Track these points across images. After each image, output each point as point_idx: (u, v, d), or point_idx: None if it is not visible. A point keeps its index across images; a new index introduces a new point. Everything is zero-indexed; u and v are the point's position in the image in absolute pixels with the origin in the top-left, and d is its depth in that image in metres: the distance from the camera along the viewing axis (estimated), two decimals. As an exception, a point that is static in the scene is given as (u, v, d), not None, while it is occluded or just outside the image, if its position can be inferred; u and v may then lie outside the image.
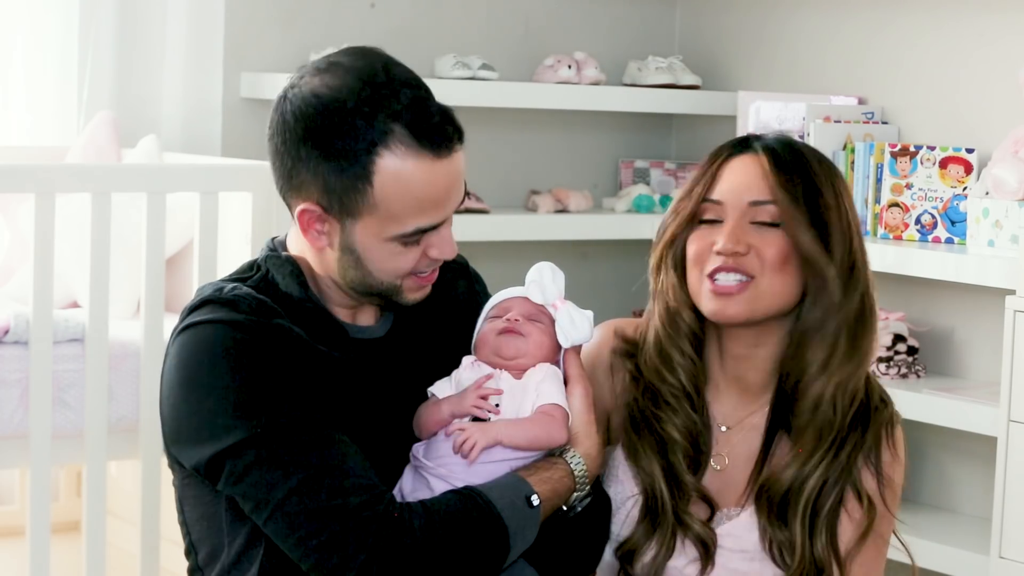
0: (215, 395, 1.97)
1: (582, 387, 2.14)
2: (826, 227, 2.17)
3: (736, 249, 2.14)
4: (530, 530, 2.01)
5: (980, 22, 4.05)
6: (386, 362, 2.12)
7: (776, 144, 2.20)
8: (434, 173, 2.00)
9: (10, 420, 3.54)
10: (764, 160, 2.17)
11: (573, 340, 2.14)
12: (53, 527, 3.66)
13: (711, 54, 4.79)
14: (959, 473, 4.01)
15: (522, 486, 2.01)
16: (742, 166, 2.19)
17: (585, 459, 2.08)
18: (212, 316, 2.00)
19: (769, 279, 2.15)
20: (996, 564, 3.42)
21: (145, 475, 3.63)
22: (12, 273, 4.07)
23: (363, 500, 1.93)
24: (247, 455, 1.94)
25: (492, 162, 4.61)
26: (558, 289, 2.16)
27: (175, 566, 3.50)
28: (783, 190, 2.15)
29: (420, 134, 1.98)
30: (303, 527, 1.93)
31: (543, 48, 4.64)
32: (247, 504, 1.98)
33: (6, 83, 4.29)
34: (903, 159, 4.00)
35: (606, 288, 4.77)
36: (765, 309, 2.17)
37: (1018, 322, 3.37)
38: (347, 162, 1.97)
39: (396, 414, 2.10)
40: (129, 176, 3.67)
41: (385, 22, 4.41)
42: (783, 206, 2.15)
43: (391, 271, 2.05)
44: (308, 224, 2.04)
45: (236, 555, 2.04)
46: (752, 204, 2.16)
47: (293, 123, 2.00)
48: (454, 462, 2.04)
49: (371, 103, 1.98)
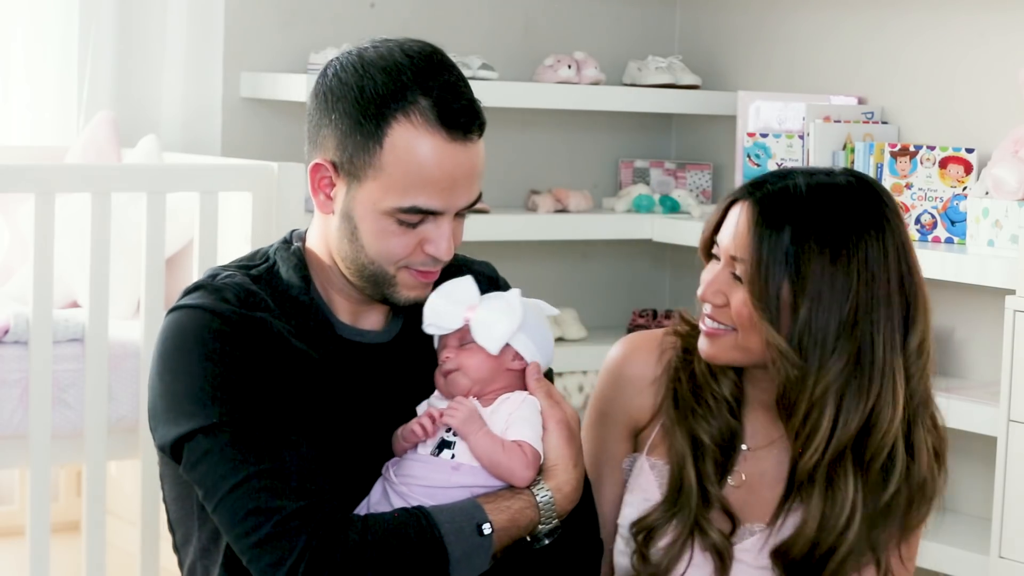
0: (184, 379, 1.99)
1: (556, 419, 2.07)
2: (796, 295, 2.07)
3: (713, 301, 2.12)
4: (478, 559, 1.98)
5: (980, 22, 4.05)
6: (384, 368, 2.10)
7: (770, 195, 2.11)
8: (444, 154, 2.00)
9: (10, 420, 3.54)
10: (748, 214, 2.10)
11: (498, 343, 2.05)
12: (53, 527, 3.66)
13: (711, 54, 4.79)
14: (959, 473, 4.01)
15: (475, 512, 1.98)
16: (734, 215, 2.13)
17: (555, 492, 2.04)
18: (198, 301, 2.02)
19: (743, 335, 2.11)
20: (996, 564, 3.42)
21: (145, 475, 3.63)
22: (12, 273, 4.07)
23: (300, 506, 1.93)
24: (203, 443, 1.96)
25: (492, 162, 4.57)
26: (463, 303, 2.07)
27: (175, 566, 3.50)
28: (751, 249, 2.08)
29: (441, 112, 1.99)
30: (242, 523, 1.94)
31: (543, 48, 4.64)
32: (199, 491, 1.99)
33: (6, 83, 4.29)
34: (903, 159, 4.01)
35: (606, 288, 4.77)
36: (751, 359, 2.14)
37: (1018, 322, 3.37)
38: (365, 118, 2.00)
39: (382, 422, 2.08)
40: (129, 176, 3.67)
41: (385, 22, 4.41)
42: (747, 266, 2.09)
43: (383, 252, 2.03)
44: (318, 183, 2.05)
45: (206, 541, 2.06)
46: (732, 258, 2.12)
47: (332, 77, 2.04)
48: (415, 481, 2.02)
49: (409, 73, 2.00)
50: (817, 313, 2.07)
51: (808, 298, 2.07)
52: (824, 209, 2.09)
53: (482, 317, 2.05)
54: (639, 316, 4.68)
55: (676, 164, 4.83)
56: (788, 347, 2.08)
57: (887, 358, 2.11)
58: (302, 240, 2.13)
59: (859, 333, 2.09)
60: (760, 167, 4.24)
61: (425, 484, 2.01)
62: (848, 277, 2.08)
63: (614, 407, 2.27)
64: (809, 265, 2.07)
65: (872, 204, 2.12)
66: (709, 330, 2.14)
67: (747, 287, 2.09)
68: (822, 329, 2.07)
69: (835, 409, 2.09)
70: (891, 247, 2.11)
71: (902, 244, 2.13)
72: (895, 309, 2.11)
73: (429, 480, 2.02)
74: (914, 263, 2.14)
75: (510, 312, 2.06)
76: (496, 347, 2.06)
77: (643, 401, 2.25)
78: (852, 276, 2.08)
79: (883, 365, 2.10)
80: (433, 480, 2.02)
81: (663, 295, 4.92)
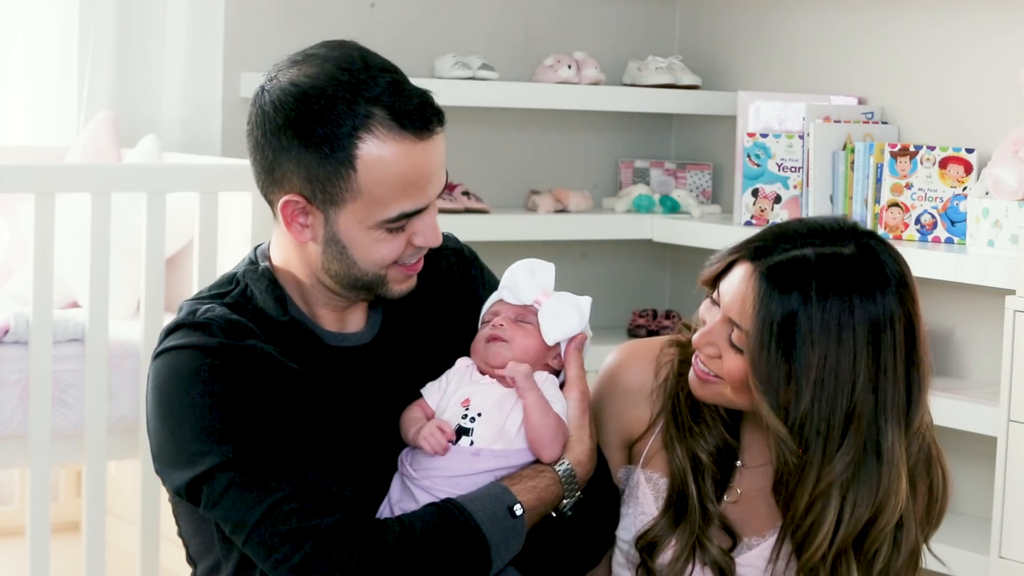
0: (188, 421, 1.97)
1: (579, 390, 2.11)
2: (799, 378, 1.99)
3: (706, 352, 2.08)
4: (514, 540, 1.99)
5: (980, 21, 4.05)
6: (373, 368, 2.10)
7: (781, 268, 2.02)
8: (416, 155, 1.99)
9: (10, 420, 3.54)
10: (752, 281, 2.02)
11: (557, 336, 2.11)
12: (53, 527, 3.66)
13: (711, 54, 4.79)
14: (959, 473, 4.01)
15: (505, 496, 2.00)
16: (736, 277, 2.05)
17: (575, 466, 2.06)
18: (184, 341, 1.99)
19: (735, 392, 2.08)
20: (996, 564, 3.42)
21: (145, 475, 3.63)
22: (12, 273, 4.07)
23: (335, 520, 1.92)
24: (221, 479, 1.94)
25: (492, 162, 4.61)
26: (540, 285, 2.12)
27: (175, 566, 3.51)
28: (753, 322, 2.01)
29: (400, 117, 1.97)
30: (277, 550, 1.93)
31: (543, 48, 4.64)
32: (227, 527, 1.98)
33: (6, 83, 4.29)
34: (903, 159, 4.00)
35: (606, 288, 4.77)
36: (739, 405, 2.11)
37: (1018, 322, 3.36)
38: (329, 148, 1.97)
39: (385, 421, 2.08)
40: (129, 176, 3.66)
41: (385, 22, 4.41)
42: (748, 340, 2.02)
43: (376, 260, 2.03)
44: (291, 217, 2.02)
45: (234, 570, 2.04)
46: (728, 320, 2.05)
47: (273, 113, 2.00)
48: (437, 473, 2.02)
49: (350, 89, 1.97)
50: (821, 403, 2.01)
51: (812, 384, 2.00)
52: (833, 287, 2.01)
53: (554, 307, 2.10)
54: (639, 316, 4.68)
55: (676, 164, 4.83)
56: (788, 434, 2.02)
57: (894, 448, 2.04)
58: (268, 259, 2.11)
59: (865, 425, 2.01)
60: (760, 167, 4.24)
61: (448, 474, 2.02)
62: (856, 365, 2.00)
63: (607, 414, 2.26)
64: (814, 350, 2.00)
65: (882, 279, 2.02)
66: (700, 374, 2.12)
67: (747, 360, 2.03)
68: (825, 419, 2.01)
69: (839, 503, 2.03)
70: (899, 327, 2.02)
71: (913, 318, 2.04)
72: (901, 391, 2.04)
73: (451, 470, 2.03)
74: (922, 338, 2.05)
75: (580, 315, 2.11)
76: (553, 339, 2.10)
77: (638, 413, 2.24)
78: (860, 364, 2.01)
79: (891, 455, 2.03)
80: (455, 469, 2.03)
81: (663, 295, 4.92)
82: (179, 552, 2.19)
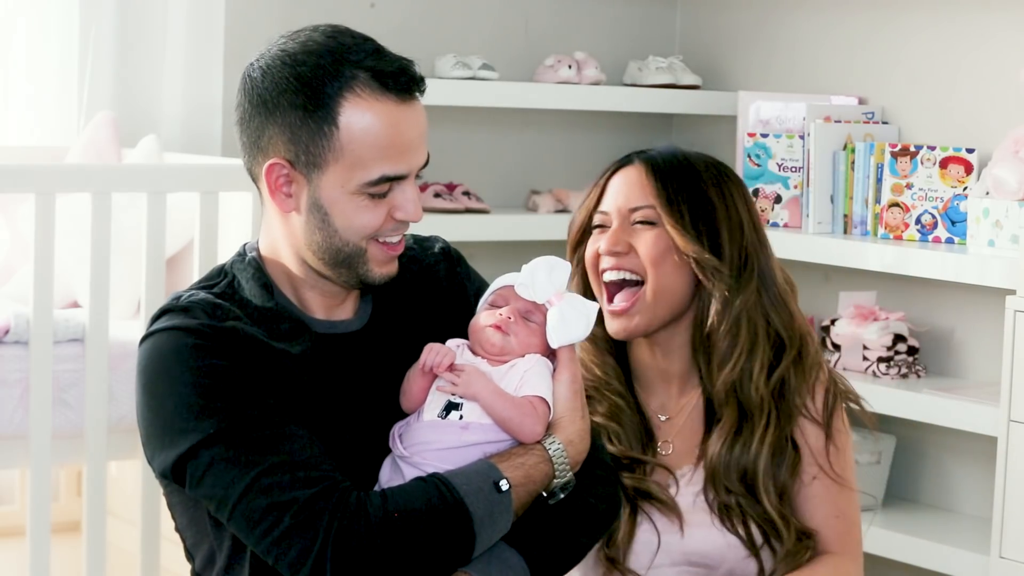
0: (171, 400, 1.99)
1: (570, 373, 2.13)
2: (711, 223, 2.38)
3: (616, 248, 2.39)
4: (501, 516, 2.00)
5: (980, 21, 4.05)
6: (361, 355, 2.12)
7: (657, 155, 2.44)
8: (398, 117, 2.03)
9: (10, 420, 3.54)
10: (642, 170, 2.42)
11: (562, 341, 2.12)
12: (53, 527, 3.66)
13: (711, 54, 4.79)
14: (959, 473, 4.01)
15: (490, 471, 2.01)
16: (624, 178, 2.44)
17: (567, 445, 2.07)
18: (167, 324, 2.03)
19: (654, 279, 2.37)
20: (996, 564, 3.42)
21: (145, 475, 3.63)
22: (12, 273, 4.07)
23: (315, 492, 1.94)
24: (204, 456, 1.96)
25: (492, 162, 4.61)
26: (555, 285, 2.14)
27: (175, 566, 3.51)
28: (658, 193, 2.39)
29: (383, 78, 2.03)
30: (258, 523, 1.95)
31: (543, 48, 4.64)
32: (211, 505, 1.99)
33: (6, 83, 4.29)
34: (903, 159, 4.01)
35: (606, 288, 4.77)
36: (662, 315, 2.39)
37: (1018, 322, 3.37)
38: (313, 106, 2.02)
39: (374, 406, 2.10)
40: (129, 176, 3.67)
41: (385, 22, 4.41)
42: (658, 206, 2.38)
43: (357, 229, 2.05)
44: (276, 184, 2.06)
45: (227, 558, 2.06)
46: (632, 210, 2.40)
47: (260, 78, 2.06)
48: (426, 447, 2.04)
49: (336, 53, 2.06)
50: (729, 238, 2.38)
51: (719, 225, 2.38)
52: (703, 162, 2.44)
53: (564, 312, 2.12)
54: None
55: (676, 164, 4.83)
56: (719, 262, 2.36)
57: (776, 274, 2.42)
58: (256, 250, 2.15)
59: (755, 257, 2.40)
60: (760, 167, 4.24)
61: (437, 448, 2.04)
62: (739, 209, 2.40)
63: None
64: (710, 196, 2.39)
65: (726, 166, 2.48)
66: (619, 307, 2.39)
67: (666, 221, 2.36)
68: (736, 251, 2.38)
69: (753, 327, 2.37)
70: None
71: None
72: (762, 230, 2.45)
73: (440, 443, 2.04)
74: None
75: (587, 324, 2.13)
76: (558, 343, 2.12)
77: None
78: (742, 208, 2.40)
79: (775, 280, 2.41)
80: (444, 442, 2.04)
81: (663, 295, 4.91)
82: (179, 552, 2.19)
